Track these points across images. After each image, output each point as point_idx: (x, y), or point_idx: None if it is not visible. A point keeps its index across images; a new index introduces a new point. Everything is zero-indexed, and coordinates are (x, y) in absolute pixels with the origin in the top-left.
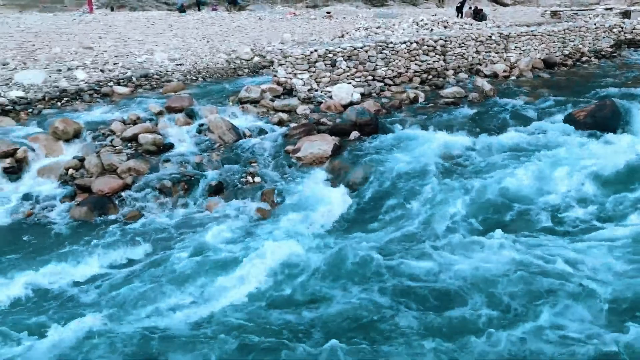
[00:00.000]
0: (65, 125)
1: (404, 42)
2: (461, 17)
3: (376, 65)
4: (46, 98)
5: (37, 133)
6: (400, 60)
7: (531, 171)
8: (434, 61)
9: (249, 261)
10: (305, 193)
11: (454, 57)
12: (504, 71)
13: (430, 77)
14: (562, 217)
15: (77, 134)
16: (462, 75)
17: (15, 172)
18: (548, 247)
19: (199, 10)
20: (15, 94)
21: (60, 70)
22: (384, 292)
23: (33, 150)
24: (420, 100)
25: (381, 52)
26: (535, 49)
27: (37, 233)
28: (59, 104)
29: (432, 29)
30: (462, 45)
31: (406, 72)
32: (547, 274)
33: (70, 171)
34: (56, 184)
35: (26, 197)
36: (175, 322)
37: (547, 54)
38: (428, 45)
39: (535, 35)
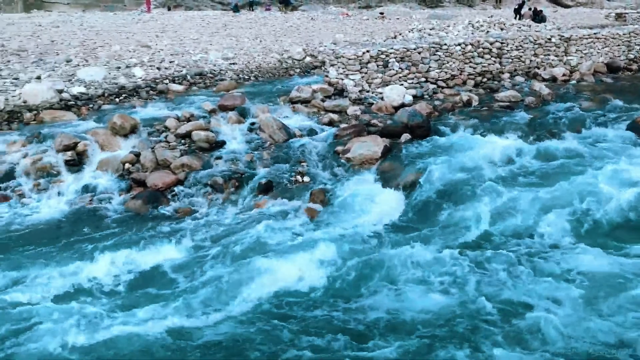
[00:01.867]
0: (122, 121)
1: (459, 44)
2: (519, 19)
3: (429, 67)
4: (105, 94)
5: (96, 128)
6: (454, 63)
7: (588, 182)
8: (490, 64)
9: (296, 261)
10: (354, 194)
11: (510, 60)
12: (564, 75)
13: (485, 80)
14: (616, 232)
15: (133, 130)
16: (519, 79)
17: (76, 164)
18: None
19: (252, 10)
20: (77, 89)
21: (119, 68)
22: (435, 298)
23: (93, 144)
24: (474, 103)
25: (435, 54)
26: (597, 53)
27: (94, 223)
28: (117, 100)
29: (488, 31)
30: (520, 47)
31: (460, 74)
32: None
33: (127, 165)
34: (113, 177)
35: (85, 188)
36: (215, 318)
37: (610, 57)
38: (483, 48)
39: (598, 38)
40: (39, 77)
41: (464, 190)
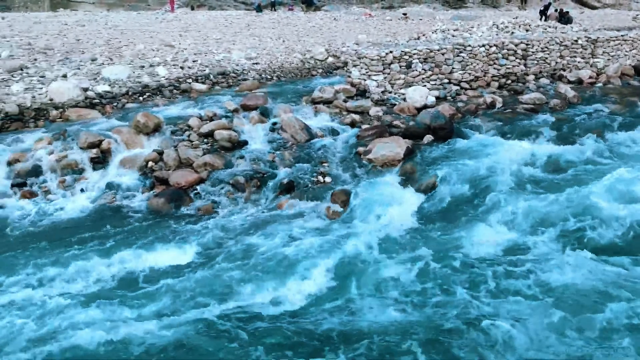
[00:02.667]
0: (146, 120)
1: (483, 45)
2: (545, 20)
3: (453, 68)
4: (129, 93)
5: (120, 126)
6: (478, 64)
7: (614, 187)
8: (514, 65)
9: (316, 261)
10: (375, 195)
11: (535, 62)
12: (590, 77)
13: (509, 81)
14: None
15: (157, 128)
16: (544, 81)
17: (100, 162)
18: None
19: (274, 10)
20: (102, 88)
21: (143, 67)
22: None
23: (116, 142)
24: (498, 105)
25: (458, 55)
26: (625, 55)
27: (117, 220)
28: (141, 98)
29: (512, 32)
30: (545, 49)
31: (484, 76)
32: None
33: (150, 163)
34: (136, 175)
35: (109, 185)
36: (235, 317)
37: (638, 60)
38: (508, 49)
39: (625, 40)
40: (65, 76)
41: (486, 195)
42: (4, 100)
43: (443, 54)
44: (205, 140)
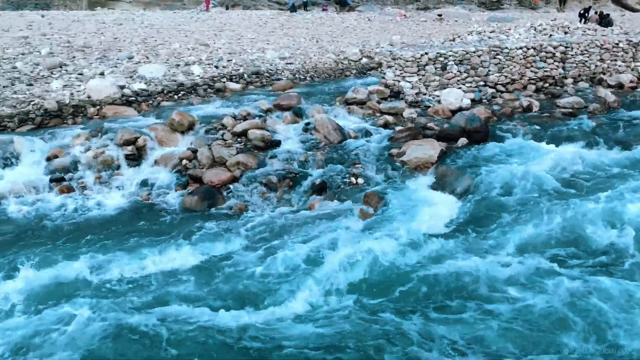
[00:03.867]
0: (181, 118)
1: (520, 48)
2: (585, 23)
3: (489, 70)
4: (165, 91)
5: (155, 124)
6: (514, 67)
7: None
8: (552, 68)
9: (346, 264)
10: (408, 198)
11: (574, 65)
12: (631, 82)
13: (547, 85)
14: None
15: (191, 127)
16: (583, 85)
17: (135, 159)
18: None
19: (306, 10)
20: (138, 86)
21: (178, 65)
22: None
23: (151, 139)
24: (535, 109)
25: (495, 57)
26: None
27: (151, 217)
28: (176, 97)
29: (551, 35)
30: (585, 52)
31: (520, 79)
32: None
33: (184, 161)
34: (171, 172)
35: (144, 182)
36: (264, 317)
37: None
38: (546, 52)
39: None
40: (102, 73)
41: (522, 201)
42: (44, 97)
43: (479, 56)
44: (238, 139)
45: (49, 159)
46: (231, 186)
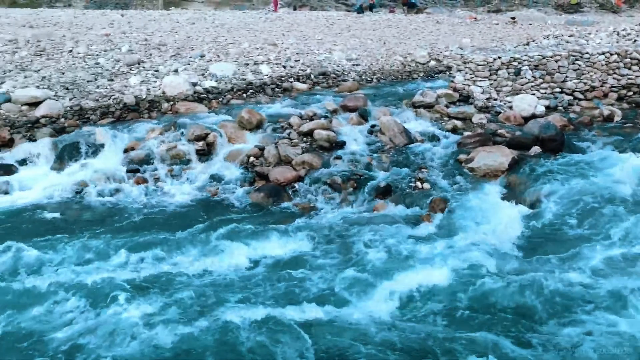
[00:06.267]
0: (250, 116)
1: (603, 53)
2: None
3: (566, 76)
4: (234, 89)
5: (225, 121)
6: (595, 73)
7: None
8: (637, 76)
9: (408, 271)
10: (476, 206)
11: None
12: None
13: (631, 93)
14: None
15: (259, 125)
16: None
17: (205, 154)
18: None
19: (372, 12)
20: (209, 83)
21: (247, 65)
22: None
23: (221, 136)
24: (616, 118)
25: (574, 63)
26: None
27: (219, 211)
28: (244, 95)
29: (635, 40)
30: None
31: (601, 86)
32: None
33: (251, 159)
34: (238, 168)
35: (213, 177)
36: (323, 318)
37: None
38: (632, 58)
39: None
40: (176, 70)
41: (598, 216)
42: (123, 92)
43: (556, 61)
44: (304, 139)
45: (126, 151)
46: (296, 185)
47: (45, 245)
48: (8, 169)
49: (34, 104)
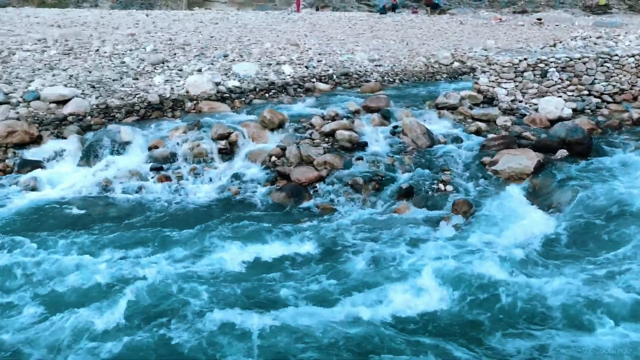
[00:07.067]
0: (272, 116)
1: (633, 55)
2: None
3: (594, 79)
4: (257, 89)
5: (247, 120)
6: (624, 76)
7: None
8: None
9: (431, 274)
10: (500, 210)
11: None
12: None
13: None
14: None
15: (281, 125)
16: None
17: (227, 153)
18: None
19: (395, 12)
20: (232, 83)
21: (270, 65)
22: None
23: (244, 135)
24: None
25: (602, 65)
26: None
27: (240, 210)
28: (267, 95)
29: None
30: None
31: (630, 89)
32: None
33: (273, 158)
34: (260, 168)
35: (235, 176)
36: (342, 319)
37: None
38: None
39: None
40: (199, 70)
41: (625, 222)
42: (148, 91)
43: (584, 63)
44: (326, 139)
45: (150, 149)
46: (317, 185)
47: (71, 239)
48: (37, 165)
49: (62, 102)
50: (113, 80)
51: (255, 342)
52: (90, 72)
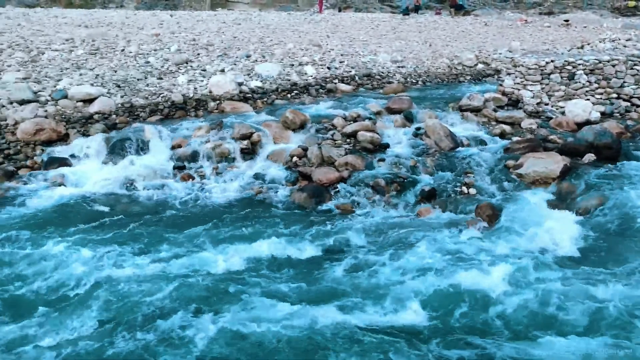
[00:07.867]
0: (294, 116)
1: None
2: None
3: (624, 82)
4: (279, 90)
5: (269, 120)
6: None
7: None
8: None
9: (452, 278)
10: (525, 214)
11: None
12: None
13: None
14: None
15: (302, 125)
16: None
17: (249, 153)
18: None
19: (418, 13)
20: (254, 83)
21: (292, 65)
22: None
23: (266, 135)
24: None
25: (632, 68)
26: None
27: (262, 209)
28: (289, 95)
29: None
30: None
31: None
32: None
33: (294, 159)
34: (281, 168)
35: (257, 176)
36: (358, 323)
37: None
38: None
39: None
40: (222, 70)
41: None
42: (171, 90)
43: (614, 66)
44: (347, 140)
45: (173, 148)
46: (339, 186)
47: (95, 235)
48: (64, 162)
49: (88, 101)
50: (138, 79)
51: (276, 343)
52: (115, 71)
